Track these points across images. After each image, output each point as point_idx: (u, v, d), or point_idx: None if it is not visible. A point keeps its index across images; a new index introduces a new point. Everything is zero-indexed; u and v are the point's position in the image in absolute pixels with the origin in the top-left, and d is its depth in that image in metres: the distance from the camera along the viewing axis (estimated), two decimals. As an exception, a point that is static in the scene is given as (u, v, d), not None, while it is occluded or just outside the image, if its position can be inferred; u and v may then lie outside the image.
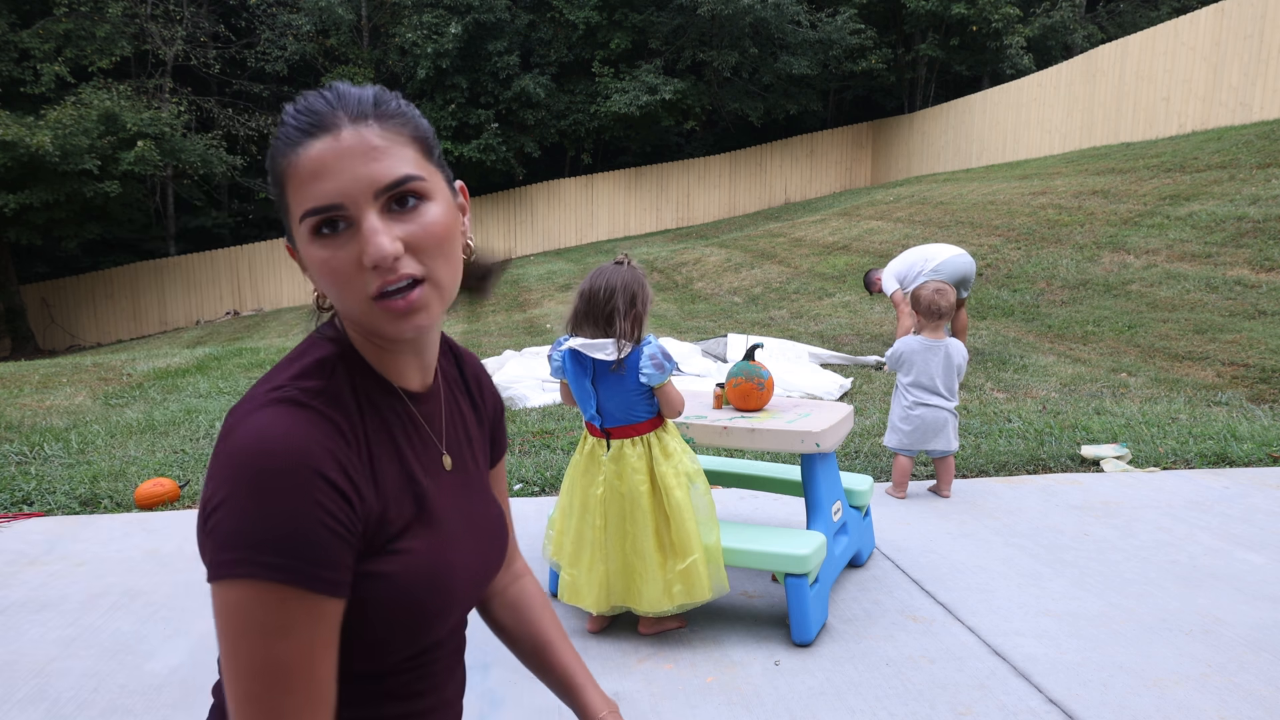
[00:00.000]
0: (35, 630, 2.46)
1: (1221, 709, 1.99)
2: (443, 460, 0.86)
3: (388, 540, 0.76)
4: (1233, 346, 5.94)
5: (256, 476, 0.67)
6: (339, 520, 0.70)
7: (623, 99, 18.38)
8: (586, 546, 2.33)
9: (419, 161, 0.75)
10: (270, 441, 0.69)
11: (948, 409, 3.53)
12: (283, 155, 0.73)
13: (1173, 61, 12.44)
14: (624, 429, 2.29)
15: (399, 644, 0.78)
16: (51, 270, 19.67)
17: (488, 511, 0.92)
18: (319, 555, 0.68)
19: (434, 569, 0.79)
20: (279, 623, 0.68)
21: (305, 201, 0.72)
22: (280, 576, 0.67)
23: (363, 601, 0.75)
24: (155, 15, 18.08)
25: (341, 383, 0.77)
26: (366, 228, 0.71)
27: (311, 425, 0.71)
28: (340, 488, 0.71)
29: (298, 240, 0.75)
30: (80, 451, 4.43)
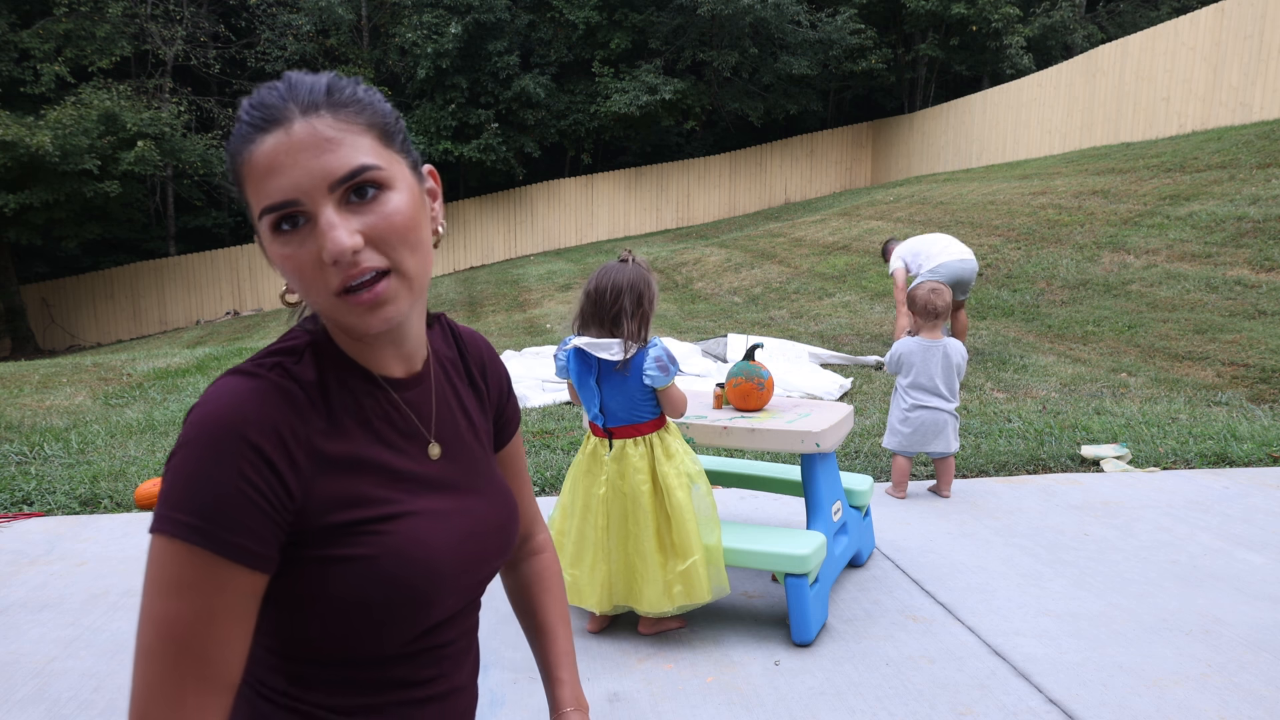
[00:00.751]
0: (35, 630, 2.46)
1: (1221, 709, 1.99)
2: (429, 449, 0.85)
3: (350, 523, 0.75)
4: (1233, 346, 5.94)
5: (190, 438, 0.69)
6: (260, 490, 0.70)
7: (623, 99, 18.37)
8: (589, 546, 2.33)
9: (376, 149, 0.73)
10: (208, 405, 0.70)
11: (947, 410, 3.53)
12: (238, 152, 0.73)
13: (1173, 61, 12.44)
14: (627, 429, 2.30)
15: (396, 628, 0.78)
16: (51, 270, 19.67)
17: (490, 497, 0.91)
18: (231, 521, 0.69)
19: (416, 552, 0.78)
20: (182, 581, 0.68)
21: (262, 199, 0.71)
22: (188, 536, 0.68)
23: (344, 584, 0.74)
24: (155, 15, 18.07)
25: (308, 365, 0.77)
26: (323, 222, 0.70)
27: (255, 393, 0.72)
28: (269, 458, 0.70)
29: (261, 236, 0.75)
30: (80, 451, 4.43)
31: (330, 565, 0.74)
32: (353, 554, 0.75)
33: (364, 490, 0.77)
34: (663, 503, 2.28)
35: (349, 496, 0.76)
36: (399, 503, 0.79)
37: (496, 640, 2.38)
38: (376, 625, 0.76)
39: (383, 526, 0.77)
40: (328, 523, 0.75)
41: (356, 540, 0.75)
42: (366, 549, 0.75)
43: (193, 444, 0.69)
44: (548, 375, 5.65)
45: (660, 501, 2.28)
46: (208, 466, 0.69)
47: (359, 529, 0.76)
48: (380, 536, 0.76)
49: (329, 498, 0.75)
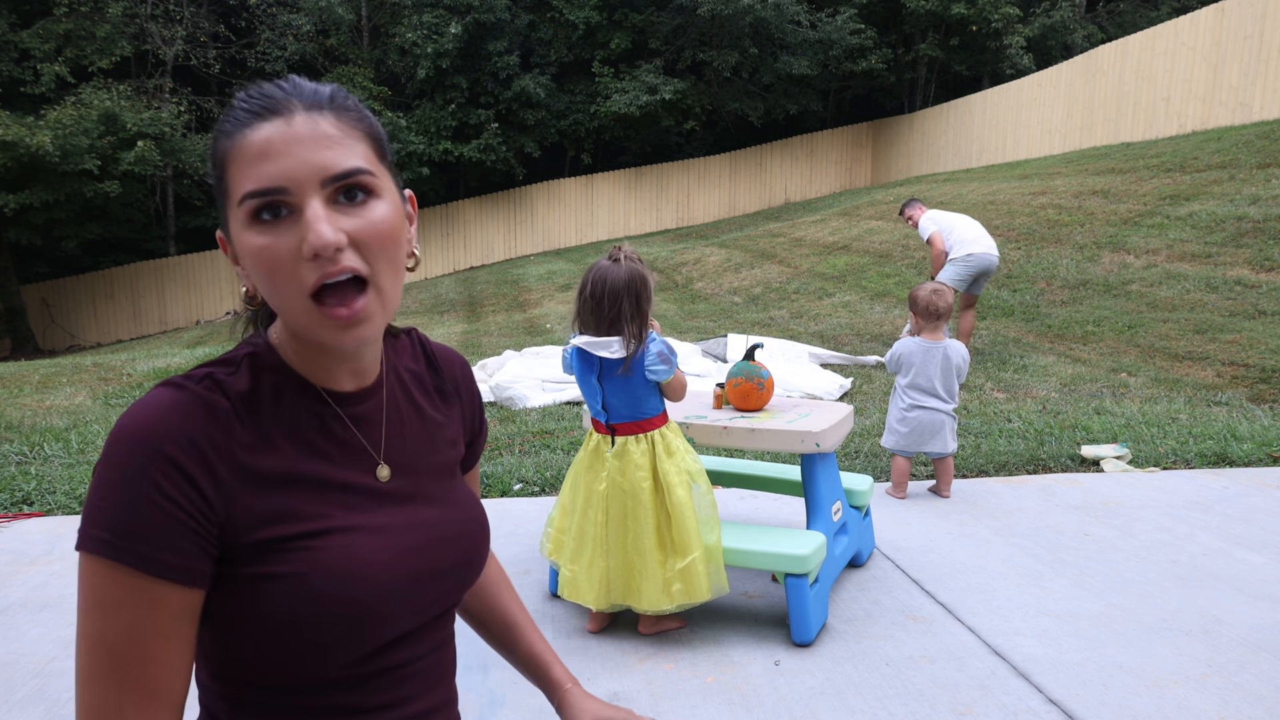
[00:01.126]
0: (35, 630, 2.46)
1: (1222, 709, 1.99)
2: (377, 470, 0.82)
3: (279, 539, 0.73)
4: (1233, 346, 5.94)
5: (107, 453, 0.68)
6: (178, 503, 0.68)
7: (623, 99, 18.37)
8: (588, 542, 2.33)
9: (371, 158, 0.73)
10: (126, 420, 0.69)
11: (945, 411, 3.52)
12: (227, 136, 0.71)
13: (1173, 61, 12.44)
14: (629, 425, 2.30)
15: (337, 650, 0.74)
16: (51, 270, 19.67)
17: (451, 509, 0.87)
18: (150, 536, 0.67)
19: (351, 567, 0.74)
20: (108, 600, 0.67)
21: (247, 183, 0.69)
22: (108, 553, 0.66)
23: (274, 603, 0.72)
24: (155, 15, 18.07)
25: (242, 376, 0.75)
26: (309, 214, 0.68)
27: (175, 406, 0.70)
28: (186, 470, 0.68)
29: (232, 227, 0.72)
30: (80, 451, 4.43)
31: (259, 583, 0.72)
32: (281, 571, 0.72)
33: (293, 505, 0.74)
34: (663, 500, 2.28)
35: (277, 512, 0.73)
36: (331, 518, 0.76)
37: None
38: (313, 646, 0.73)
39: (312, 542, 0.74)
40: (255, 539, 0.72)
41: (285, 557, 0.72)
42: (294, 566, 0.72)
43: (109, 458, 0.68)
44: (548, 375, 5.65)
45: (660, 499, 2.28)
46: (123, 480, 0.67)
47: (287, 545, 0.73)
48: (309, 553, 0.73)
49: (255, 513, 0.72)
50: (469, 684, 2.14)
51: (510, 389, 5.46)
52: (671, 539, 2.27)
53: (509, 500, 3.58)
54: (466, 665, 2.24)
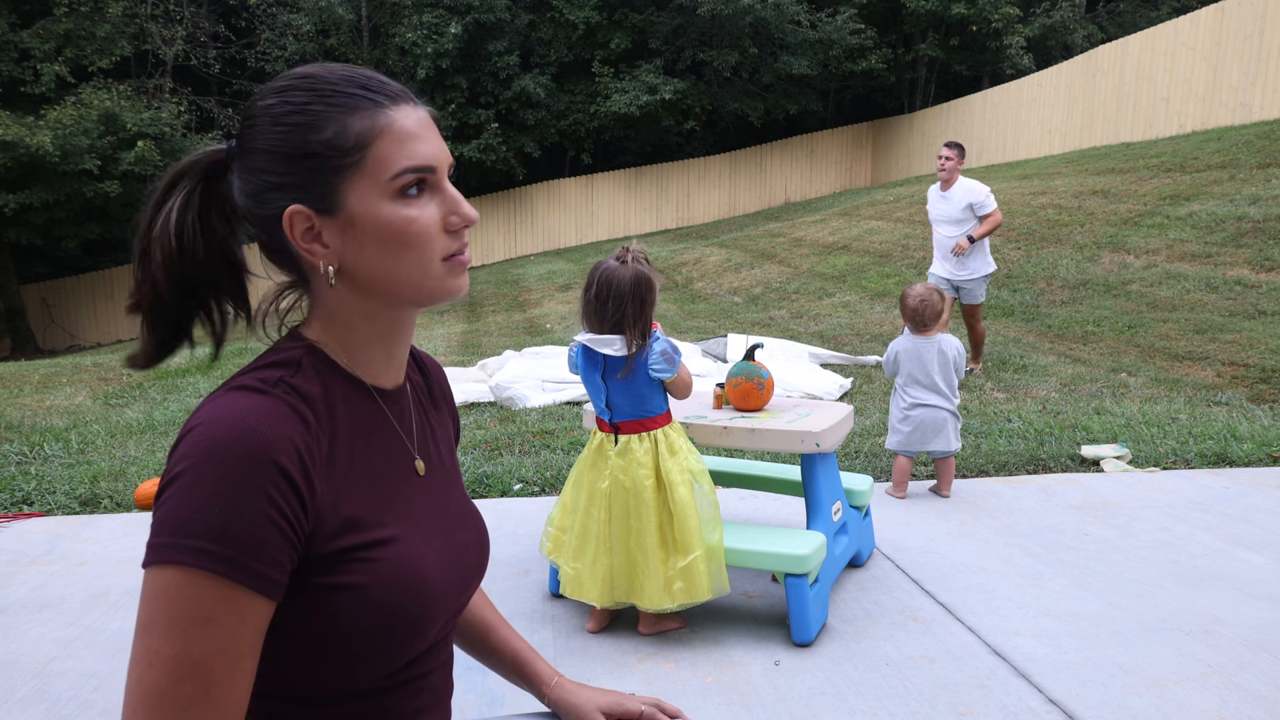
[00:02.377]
0: (35, 630, 2.46)
1: (1222, 709, 1.99)
2: (415, 464, 0.83)
3: (352, 548, 0.72)
4: (1233, 346, 5.94)
5: (204, 460, 0.65)
6: (285, 515, 0.67)
7: (623, 99, 18.37)
8: (591, 540, 2.34)
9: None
10: (225, 425, 0.66)
11: (947, 409, 3.52)
12: (365, 115, 0.73)
13: (1173, 61, 12.44)
14: (633, 424, 2.31)
15: (378, 661, 0.74)
16: (51, 270, 19.67)
17: (465, 515, 0.89)
18: (258, 549, 0.65)
19: (409, 578, 0.75)
20: (203, 617, 0.63)
21: (402, 160, 0.73)
22: (212, 566, 0.63)
23: (333, 615, 0.71)
24: (155, 15, 18.07)
25: (308, 376, 0.75)
26: (453, 194, 0.77)
27: (272, 411, 0.69)
28: (294, 480, 0.68)
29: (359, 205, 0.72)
30: (80, 451, 4.43)
31: (326, 594, 0.71)
32: (347, 582, 0.72)
33: (358, 513, 0.74)
34: (665, 499, 2.29)
35: (347, 520, 0.73)
36: (389, 525, 0.76)
37: (496, 640, 2.38)
38: (357, 657, 0.73)
39: (374, 553, 0.74)
40: (329, 549, 0.72)
41: (351, 568, 0.72)
42: (359, 576, 0.72)
43: (210, 466, 0.65)
44: (548, 375, 5.65)
45: (663, 497, 2.29)
46: (232, 491, 0.64)
47: (354, 555, 0.73)
48: (371, 564, 0.73)
49: (331, 522, 0.72)
50: (469, 684, 2.14)
51: (510, 389, 5.46)
52: (674, 537, 2.28)
53: (509, 500, 3.58)
54: (467, 665, 2.24)
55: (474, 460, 4.08)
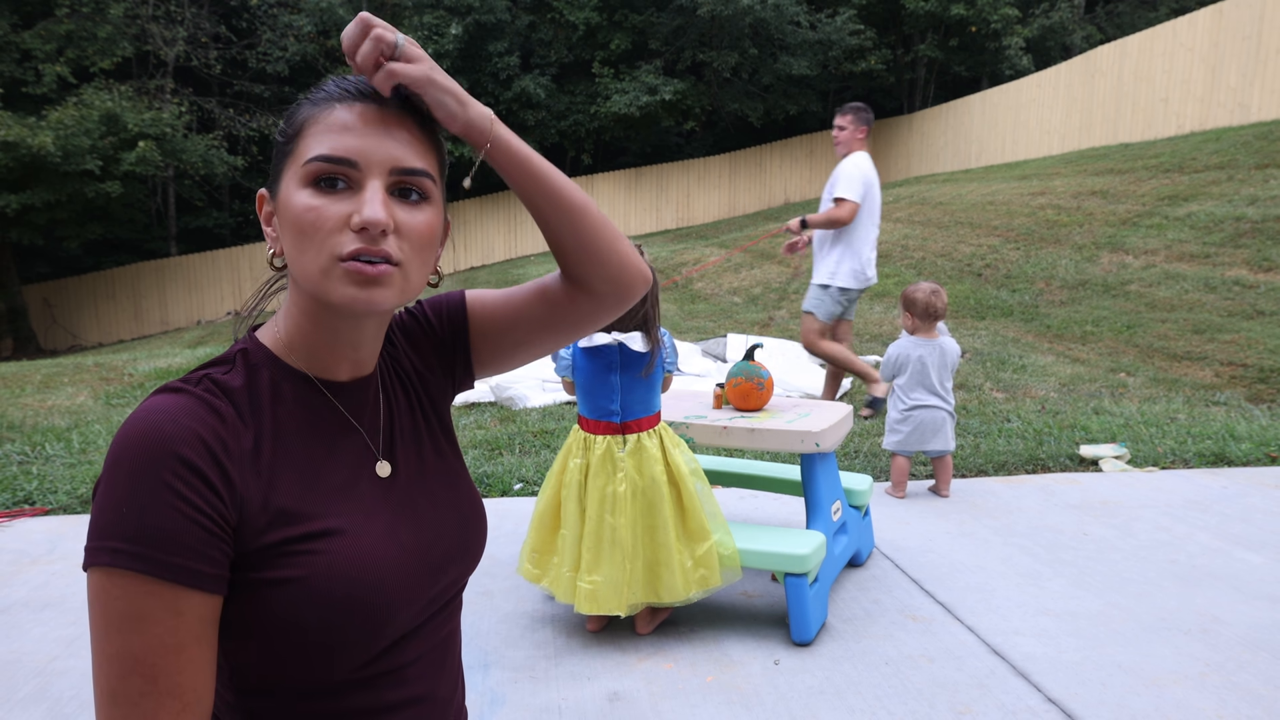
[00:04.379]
0: (37, 629, 2.47)
1: (1220, 708, 2.00)
2: (377, 466, 0.81)
3: (284, 541, 0.72)
4: (1231, 346, 5.95)
5: (115, 461, 0.66)
6: (198, 507, 0.67)
7: (623, 99, 18.38)
8: (611, 548, 2.26)
9: (435, 171, 0.78)
10: (132, 425, 0.67)
11: (946, 409, 3.54)
12: (315, 105, 0.74)
13: (1171, 62, 12.45)
14: (642, 421, 2.35)
15: (344, 653, 0.74)
16: (53, 270, 19.67)
17: (449, 498, 0.87)
18: (171, 541, 0.65)
19: (355, 569, 0.73)
20: (133, 614, 0.65)
21: (320, 147, 0.72)
22: (131, 565, 0.64)
23: (275, 609, 0.71)
24: (156, 16, 18.07)
25: (238, 373, 0.76)
26: (369, 192, 0.71)
27: (179, 409, 0.69)
28: (202, 471, 0.67)
29: (284, 186, 0.74)
30: (82, 451, 4.44)
31: (266, 589, 0.70)
32: (286, 575, 0.71)
33: (296, 506, 0.73)
34: (677, 489, 2.32)
35: (281, 513, 0.72)
36: (332, 517, 0.75)
37: (496, 640, 2.39)
38: (320, 650, 0.72)
39: (315, 545, 0.73)
40: (262, 543, 0.71)
41: (289, 561, 0.71)
42: (298, 570, 0.71)
43: (119, 465, 0.66)
44: (548, 375, 5.66)
45: (675, 488, 2.32)
46: (138, 487, 0.65)
47: (291, 548, 0.72)
48: (312, 556, 0.72)
49: (262, 515, 0.71)
50: (469, 683, 2.15)
51: (510, 389, 5.47)
52: (689, 527, 2.31)
53: (509, 500, 3.59)
54: (467, 665, 2.24)
55: (474, 460, 4.09)
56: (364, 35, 0.73)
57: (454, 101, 0.76)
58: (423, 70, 0.74)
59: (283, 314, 0.80)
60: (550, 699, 2.08)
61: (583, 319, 0.91)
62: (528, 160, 0.82)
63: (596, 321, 0.92)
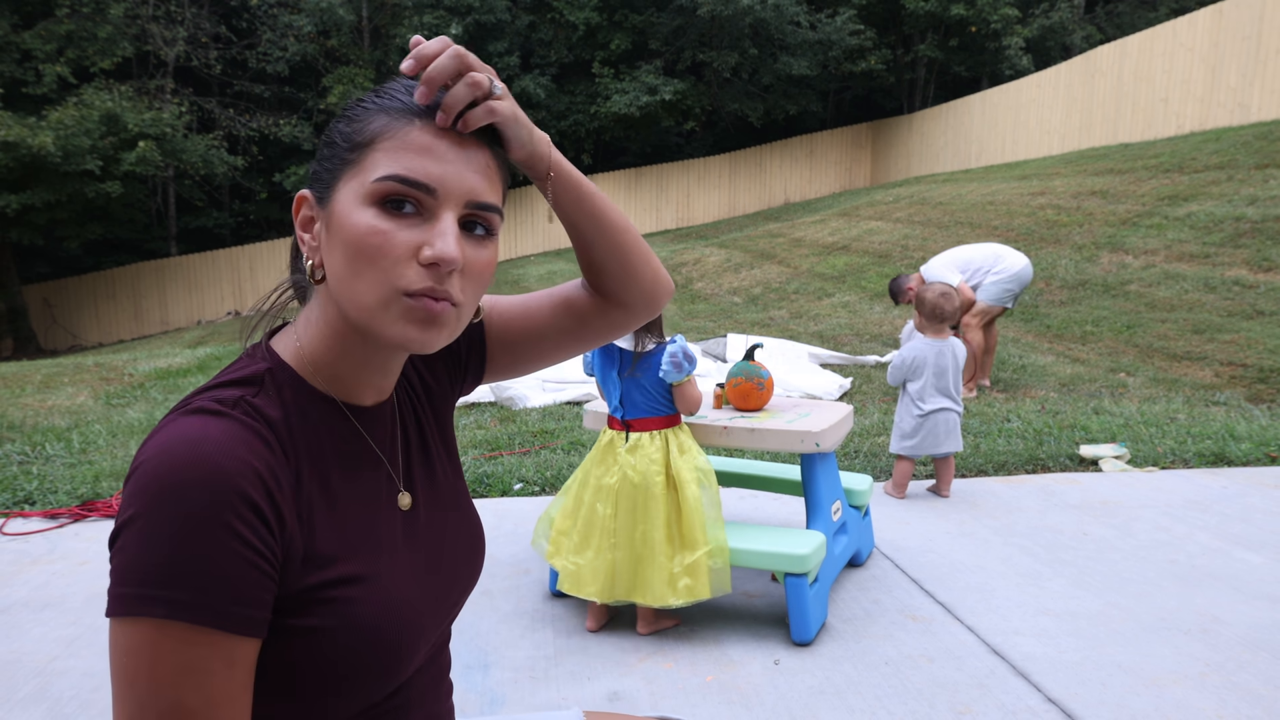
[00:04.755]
0: (37, 629, 2.47)
1: (1220, 708, 2.00)
2: (398, 497, 0.78)
3: (317, 586, 0.68)
4: (1231, 346, 5.95)
5: (160, 495, 0.59)
6: (257, 549, 0.62)
7: (623, 99, 18.39)
8: (593, 535, 2.36)
9: (502, 202, 0.74)
10: (179, 457, 0.60)
11: (957, 411, 3.54)
12: (390, 117, 0.68)
13: (1171, 62, 12.45)
14: (644, 421, 2.36)
15: (354, 698, 0.71)
16: (53, 270, 19.69)
17: (458, 525, 0.85)
18: (231, 589, 0.60)
19: (381, 620, 0.70)
20: (186, 667, 0.59)
21: (396, 166, 0.66)
22: (188, 615, 0.59)
23: (297, 660, 0.67)
24: (157, 16, 18.08)
25: (272, 399, 0.70)
26: (444, 224, 0.67)
27: (233, 438, 0.63)
28: (261, 509, 0.62)
29: (342, 201, 0.68)
30: (82, 451, 4.44)
31: (292, 636, 0.67)
32: (315, 624, 0.67)
33: (327, 549, 0.69)
34: (674, 495, 2.33)
35: (315, 555, 0.68)
36: (361, 560, 0.72)
37: (497, 640, 2.39)
38: (334, 693, 0.69)
39: (345, 592, 0.69)
40: (300, 586, 0.67)
41: (320, 609, 0.68)
42: (328, 619, 0.68)
43: (167, 502, 0.59)
44: (548, 375, 5.66)
45: (672, 494, 2.33)
46: (196, 529, 0.59)
47: (323, 594, 0.68)
48: (342, 604, 0.69)
49: (299, 556, 0.67)
50: (469, 683, 2.15)
51: (510, 389, 5.47)
52: (680, 534, 2.31)
53: (509, 500, 3.59)
54: (467, 665, 2.25)
55: (474, 460, 4.09)
56: (456, 74, 0.68)
57: (526, 132, 0.74)
58: (511, 109, 0.72)
59: (306, 329, 0.74)
60: (550, 699, 2.08)
61: (612, 329, 0.92)
62: (580, 185, 0.80)
63: (624, 331, 0.93)
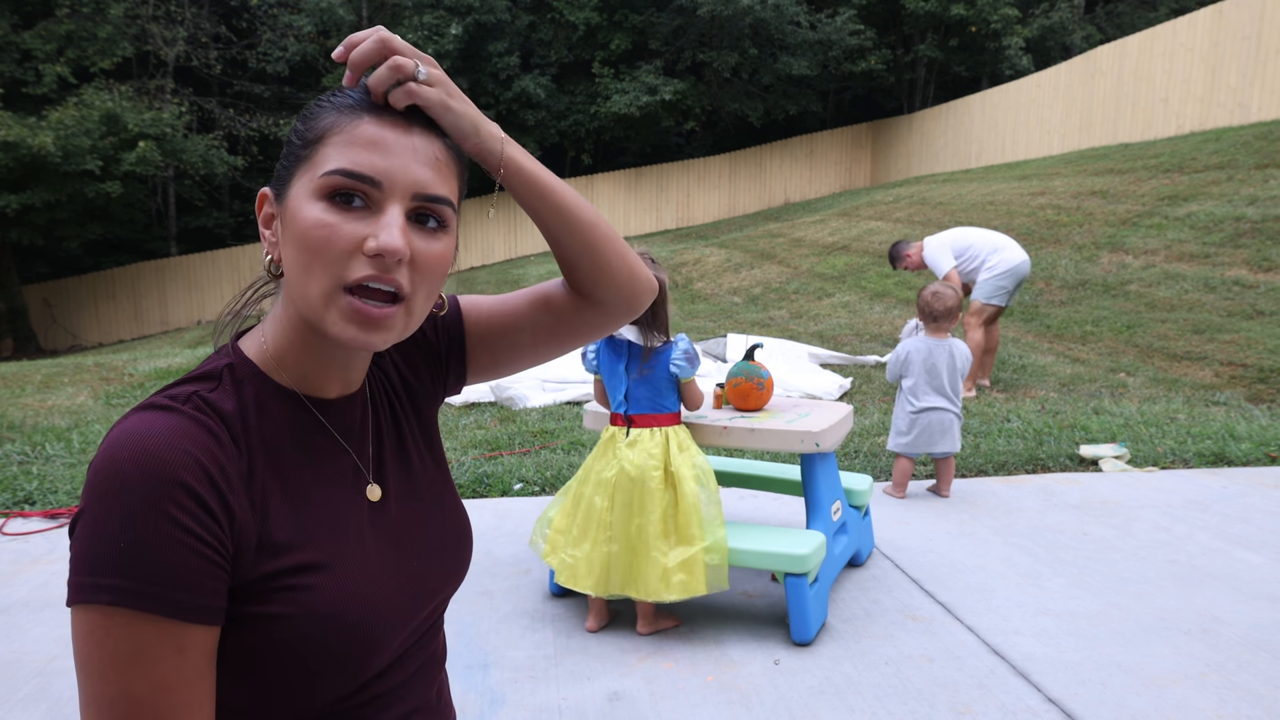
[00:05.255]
0: (37, 629, 2.47)
1: (1220, 708, 2.00)
2: (367, 489, 0.79)
3: (275, 574, 0.68)
4: (1231, 346, 5.95)
5: (106, 488, 0.61)
6: (200, 537, 0.63)
7: (623, 99, 18.39)
8: (590, 528, 2.37)
9: (457, 194, 0.75)
10: (121, 449, 0.62)
11: (954, 411, 3.53)
12: (339, 113, 0.69)
13: (1171, 62, 12.45)
14: (647, 418, 2.38)
15: (326, 686, 0.71)
16: (53, 270, 19.68)
17: (437, 517, 0.84)
18: (175, 576, 0.61)
19: (342, 608, 0.70)
20: (136, 654, 0.61)
21: (342, 160, 0.67)
22: (129, 601, 0.60)
23: (258, 647, 0.67)
24: (157, 16, 18.08)
25: (228, 393, 0.71)
26: (389, 216, 0.67)
27: (175, 430, 0.64)
28: (204, 500, 0.63)
29: (294, 194, 0.69)
30: (82, 451, 4.44)
31: (254, 623, 0.67)
32: (275, 612, 0.68)
33: (285, 537, 0.70)
34: (673, 491, 2.33)
35: (271, 543, 0.69)
36: (323, 548, 0.72)
37: (497, 640, 2.39)
38: (305, 682, 0.70)
39: (305, 579, 0.69)
40: (255, 574, 0.68)
41: (278, 596, 0.68)
42: (287, 606, 0.68)
43: (111, 494, 0.61)
44: (548, 375, 5.66)
45: (670, 490, 2.34)
46: (135, 518, 0.60)
47: (281, 582, 0.69)
48: (301, 592, 0.69)
49: (253, 545, 0.68)
50: (469, 683, 2.15)
51: (510, 389, 5.47)
52: (677, 530, 2.32)
53: (509, 500, 3.59)
54: (467, 665, 2.25)
55: (474, 460, 4.09)
56: (380, 57, 0.70)
57: (469, 124, 0.74)
58: (439, 95, 0.72)
59: (271, 325, 0.76)
60: (550, 699, 2.08)
61: (590, 329, 0.91)
62: (538, 179, 0.80)
63: (603, 331, 0.91)
